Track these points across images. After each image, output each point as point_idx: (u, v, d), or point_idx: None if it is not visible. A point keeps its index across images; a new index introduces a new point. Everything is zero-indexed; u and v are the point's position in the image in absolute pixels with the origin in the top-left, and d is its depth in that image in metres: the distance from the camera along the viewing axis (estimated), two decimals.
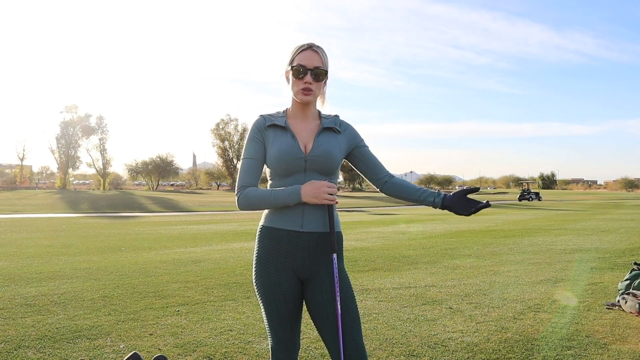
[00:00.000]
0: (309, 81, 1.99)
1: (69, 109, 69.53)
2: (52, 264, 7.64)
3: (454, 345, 3.71)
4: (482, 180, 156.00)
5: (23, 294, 5.38)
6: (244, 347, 3.66)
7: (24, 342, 3.74)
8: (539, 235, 12.63)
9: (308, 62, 1.99)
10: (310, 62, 1.99)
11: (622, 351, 3.57)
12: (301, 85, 2.00)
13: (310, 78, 1.99)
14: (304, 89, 1.99)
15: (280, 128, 2.04)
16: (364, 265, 7.49)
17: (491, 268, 7.26)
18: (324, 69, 2.02)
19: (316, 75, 2.00)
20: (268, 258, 2.03)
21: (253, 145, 2.05)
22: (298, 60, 2.00)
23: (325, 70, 2.02)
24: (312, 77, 1.99)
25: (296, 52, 2.02)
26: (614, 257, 8.37)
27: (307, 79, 1.99)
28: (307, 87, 1.99)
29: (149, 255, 8.79)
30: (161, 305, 4.92)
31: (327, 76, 2.07)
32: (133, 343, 3.74)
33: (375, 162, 2.15)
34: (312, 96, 2.02)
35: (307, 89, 2.00)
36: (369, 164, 2.14)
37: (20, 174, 77.31)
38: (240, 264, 7.68)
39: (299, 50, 2.02)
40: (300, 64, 1.99)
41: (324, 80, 2.06)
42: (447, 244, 10.59)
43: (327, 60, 2.05)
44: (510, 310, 4.74)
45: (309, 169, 2.01)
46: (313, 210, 2.01)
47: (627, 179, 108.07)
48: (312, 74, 1.99)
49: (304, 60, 1.99)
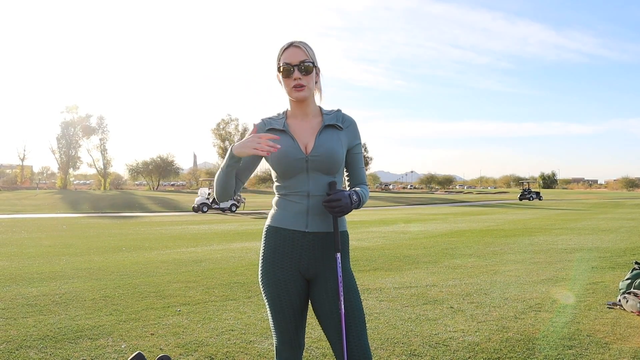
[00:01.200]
0: (297, 77, 1.99)
1: (69, 109, 69.59)
2: (53, 264, 7.65)
3: (455, 344, 3.72)
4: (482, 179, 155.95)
5: (24, 294, 5.39)
6: (245, 347, 3.66)
7: (26, 342, 3.75)
8: (539, 234, 12.63)
9: (292, 58, 2.00)
10: (294, 58, 2.00)
11: (623, 350, 3.57)
12: (291, 82, 2.00)
13: (298, 74, 1.99)
14: (295, 85, 2.00)
15: (279, 131, 2.05)
16: (365, 265, 7.49)
17: (492, 267, 7.26)
18: (310, 61, 2.01)
19: (304, 69, 2.00)
20: (274, 258, 2.03)
21: None
22: (283, 60, 2.01)
23: (311, 62, 2.02)
24: (300, 72, 2.00)
25: (280, 52, 2.03)
26: (615, 256, 8.37)
27: (295, 75, 1.99)
28: (298, 83, 2.00)
29: (150, 255, 8.80)
30: (162, 305, 4.93)
31: (317, 67, 2.07)
32: (135, 343, 3.75)
33: (357, 171, 2.15)
34: (306, 91, 2.02)
35: (298, 85, 2.00)
36: (351, 170, 2.15)
37: (21, 174, 77.36)
38: (241, 263, 7.68)
39: (282, 51, 2.03)
40: (285, 62, 2.00)
41: (314, 72, 2.04)
42: (448, 243, 10.59)
43: (312, 52, 2.05)
44: (511, 309, 4.74)
45: (311, 168, 2.01)
46: (318, 210, 2.01)
47: (628, 178, 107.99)
48: (299, 68, 1.99)
49: (288, 58, 2.00)
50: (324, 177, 2.02)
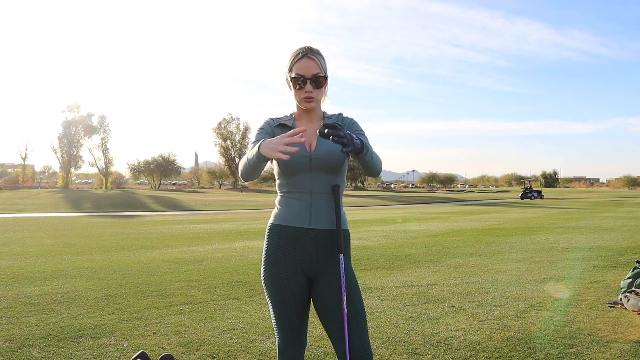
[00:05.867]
0: (309, 90, 2.03)
1: (71, 108, 69.67)
2: (55, 263, 7.67)
3: (456, 343, 3.72)
4: (484, 178, 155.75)
5: (27, 293, 5.40)
6: (247, 346, 3.68)
7: (28, 341, 3.76)
8: (541, 233, 12.63)
9: (306, 71, 2.02)
10: (308, 70, 2.02)
11: (624, 349, 3.57)
12: (303, 94, 2.04)
13: (310, 87, 2.03)
14: (306, 97, 2.04)
15: (287, 128, 2.09)
16: (366, 264, 7.50)
17: (493, 266, 7.27)
18: (322, 75, 2.04)
19: (316, 82, 2.03)
20: (276, 255, 2.05)
21: (260, 134, 2.09)
22: (296, 70, 2.02)
23: (324, 75, 2.05)
24: (312, 86, 2.03)
25: (293, 60, 2.04)
26: (616, 255, 8.37)
27: (307, 88, 2.03)
28: (309, 96, 2.04)
29: (151, 254, 8.82)
30: (164, 304, 4.94)
31: (327, 79, 2.10)
32: (137, 342, 3.76)
33: None
34: (315, 102, 2.08)
35: (308, 97, 2.04)
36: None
37: (22, 173, 77.47)
38: (243, 262, 7.69)
39: (296, 59, 2.04)
40: (299, 73, 2.02)
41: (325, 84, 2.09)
42: (449, 242, 10.59)
43: (324, 63, 2.07)
44: (513, 308, 4.74)
45: (314, 167, 2.03)
46: (321, 207, 2.04)
47: (630, 177, 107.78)
48: (312, 82, 2.03)
49: (301, 70, 2.02)
50: (326, 176, 2.04)
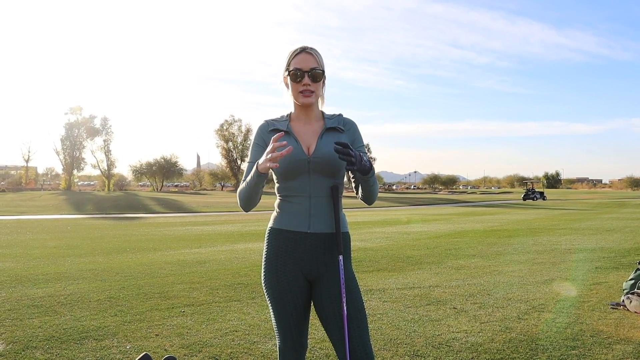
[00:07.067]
0: (307, 83, 2.03)
1: (73, 110, 69.82)
2: (58, 265, 7.69)
3: (458, 345, 3.72)
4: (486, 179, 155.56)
5: (30, 295, 5.42)
6: (249, 348, 3.69)
7: (32, 342, 3.78)
8: (543, 235, 12.61)
9: (304, 64, 2.03)
10: (305, 64, 2.03)
11: (626, 351, 3.57)
12: (300, 87, 2.04)
13: (308, 80, 2.03)
14: (303, 90, 2.04)
15: (278, 132, 2.06)
16: (368, 266, 7.50)
17: (495, 268, 7.26)
18: (320, 69, 2.06)
19: (313, 76, 2.04)
20: (276, 259, 2.05)
21: (255, 150, 2.10)
22: (294, 65, 2.04)
23: (321, 70, 2.06)
24: (309, 79, 2.04)
25: (291, 57, 2.06)
26: (619, 256, 8.35)
27: (305, 81, 2.03)
28: (307, 89, 2.04)
29: (154, 256, 8.83)
30: (167, 306, 4.95)
31: (325, 76, 2.11)
32: (139, 344, 3.77)
33: None
34: (313, 97, 2.06)
35: (306, 91, 2.04)
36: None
37: (25, 175, 77.66)
38: (245, 264, 7.70)
39: (294, 55, 2.06)
40: (297, 67, 2.03)
41: (322, 80, 2.09)
42: (451, 244, 10.59)
43: (322, 60, 2.09)
44: (515, 310, 4.74)
45: (313, 170, 2.03)
46: (320, 211, 2.04)
47: (633, 178, 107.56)
48: (309, 75, 2.03)
49: (299, 64, 2.03)
50: (325, 179, 2.04)
